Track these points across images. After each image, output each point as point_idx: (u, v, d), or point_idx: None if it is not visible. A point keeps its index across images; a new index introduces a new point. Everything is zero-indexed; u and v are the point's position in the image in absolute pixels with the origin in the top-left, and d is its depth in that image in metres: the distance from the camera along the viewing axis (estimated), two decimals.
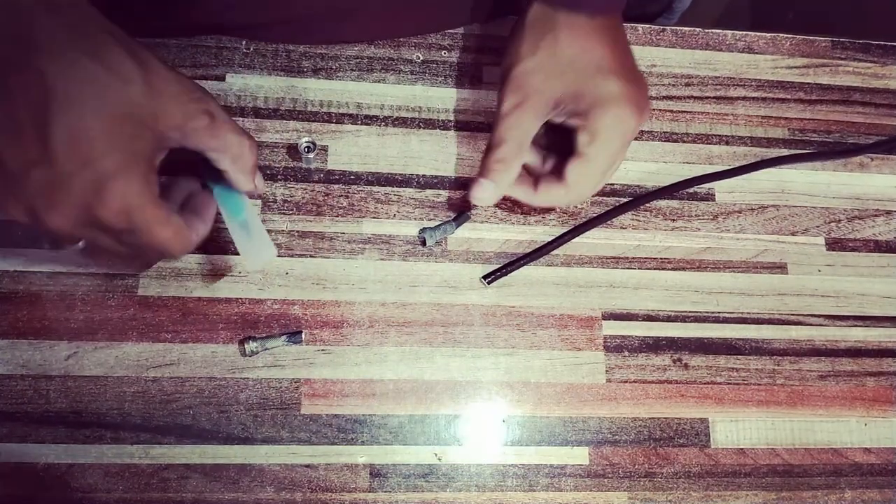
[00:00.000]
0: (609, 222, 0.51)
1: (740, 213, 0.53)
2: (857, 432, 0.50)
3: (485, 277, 0.48)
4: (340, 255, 0.48)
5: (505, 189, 0.44)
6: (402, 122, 0.51)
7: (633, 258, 0.51)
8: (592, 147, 0.43)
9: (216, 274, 0.46)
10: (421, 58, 0.53)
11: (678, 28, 0.57)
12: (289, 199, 0.48)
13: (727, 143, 0.54)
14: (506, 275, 0.48)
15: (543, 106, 0.43)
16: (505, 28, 0.54)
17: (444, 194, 0.50)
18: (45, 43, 0.29)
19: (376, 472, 0.45)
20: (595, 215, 0.51)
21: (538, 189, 0.45)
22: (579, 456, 0.47)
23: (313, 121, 0.50)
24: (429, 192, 0.50)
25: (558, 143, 0.45)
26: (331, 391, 0.45)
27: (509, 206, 0.50)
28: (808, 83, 0.57)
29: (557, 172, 0.44)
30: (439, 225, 0.49)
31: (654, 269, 0.51)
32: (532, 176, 0.46)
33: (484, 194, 0.44)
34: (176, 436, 0.44)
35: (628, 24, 0.54)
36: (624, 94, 0.42)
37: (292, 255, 0.47)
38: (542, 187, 0.45)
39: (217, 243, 0.47)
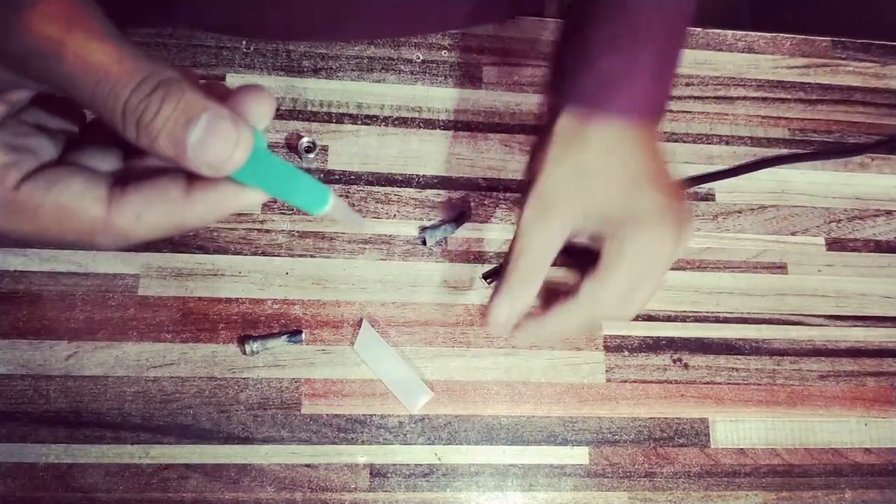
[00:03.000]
0: None
1: (740, 213, 0.53)
2: (858, 432, 0.50)
3: (485, 276, 0.48)
4: (341, 256, 0.48)
5: (524, 307, 0.39)
6: (402, 122, 0.51)
7: None
8: (614, 264, 0.37)
9: (217, 274, 0.46)
10: (421, 58, 0.53)
11: None
12: None
13: (727, 143, 0.54)
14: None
15: (568, 221, 0.38)
16: (505, 29, 0.54)
17: (444, 194, 0.50)
18: None
19: (376, 472, 0.45)
20: None
21: (550, 308, 0.39)
22: (579, 456, 0.47)
23: (313, 121, 0.50)
24: (429, 192, 0.50)
25: (580, 264, 0.41)
26: (331, 391, 0.45)
27: (509, 206, 0.50)
28: (809, 83, 0.57)
29: (575, 290, 0.38)
30: (439, 225, 0.49)
31: None
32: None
33: (500, 316, 0.38)
34: (176, 435, 0.44)
35: None
36: (661, 212, 0.37)
37: (293, 256, 0.47)
38: (555, 306, 0.39)
39: (217, 243, 0.47)
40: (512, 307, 0.38)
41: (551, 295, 0.39)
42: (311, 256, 0.48)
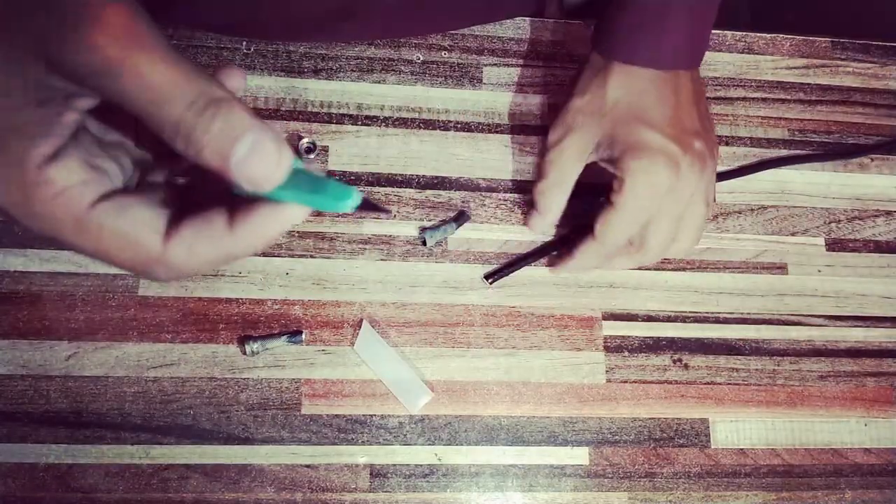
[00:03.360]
0: None
1: (740, 213, 0.53)
2: (858, 432, 0.50)
3: (487, 277, 0.48)
4: (341, 256, 0.48)
5: (553, 218, 0.47)
6: (402, 123, 0.51)
7: None
8: (618, 195, 0.42)
9: (216, 274, 0.46)
10: (421, 58, 0.53)
11: None
12: None
13: (727, 144, 0.54)
14: (507, 275, 0.48)
15: (584, 144, 0.44)
16: (505, 29, 0.54)
17: (444, 194, 0.50)
18: None
19: (377, 473, 0.45)
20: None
21: (574, 251, 0.46)
22: (579, 456, 0.47)
23: (313, 121, 0.50)
24: (429, 192, 0.50)
25: None
26: (331, 391, 0.46)
27: (509, 206, 0.50)
28: (808, 83, 0.57)
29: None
30: (439, 225, 0.49)
31: (655, 269, 0.51)
32: None
33: (534, 226, 0.48)
34: (176, 436, 0.44)
35: None
36: (658, 146, 0.41)
37: (293, 256, 0.47)
38: (579, 247, 0.45)
39: None
40: (542, 219, 0.46)
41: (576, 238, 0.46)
42: (311, 257, 0.48)
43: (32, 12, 0.22)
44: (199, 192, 0.28)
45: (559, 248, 0.49)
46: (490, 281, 0.48)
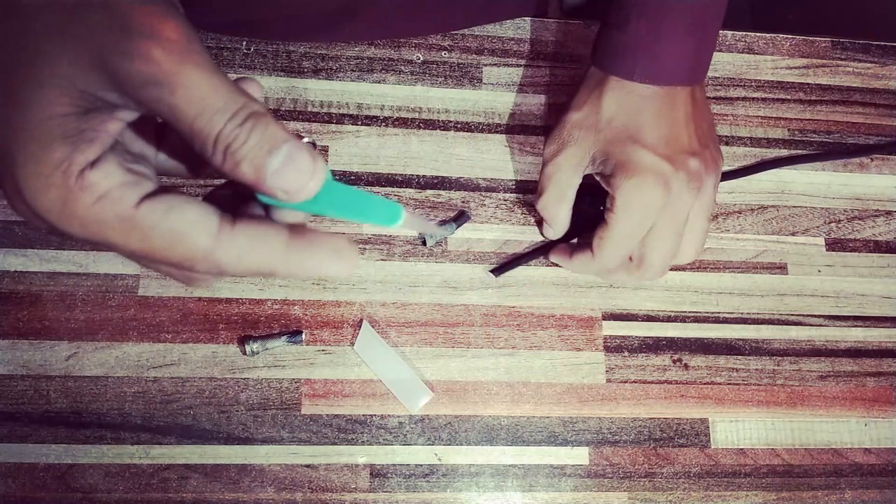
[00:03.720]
0: None
1: (740, 213, 0.53)
2: (857, 432, 0.50)
3: (493, 270, 0.48)
4: None
5: (562, 227, 0.47)
6: (402, 123, 0.51)
7: None
8: (610, 214, 0.42)
9: None
10: (421, 58, 0.53)
11: None
12: None
13: (727, 144, 0.54)
14: (513, 268, 0.49)
15: (579, 159, 0.44)
16: (505, 29, 0.54)
17: (444, 195, 0.50)
18: None
19: (377, 473, 0.45)
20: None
21: (573, 255, 0.46)
22: (579, 456, 0.47)
23: (313, 121, 0.50)
24: (429, 192, 0.50)
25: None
26: (331, 391, 0.46)
27: (509, 206, 0.50)
28: (808, 83, 0.57)
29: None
30: (439, 225, 0.49)
31: None
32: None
33: (547, 235, 0.48)
34: (176, 436, 0.44)
35: None
36: (649, 166, 0.41)
37: None
38: (577, 253, 0.46)
39: None
40: (553, 221, 0.46)
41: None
42: None
43: (94, 24, 0.23)
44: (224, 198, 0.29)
45: (564, 241, 0.49)
46: (496, 275, 0.48)
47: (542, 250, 0.49)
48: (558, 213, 0.45)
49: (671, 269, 0.51)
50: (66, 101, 0.23)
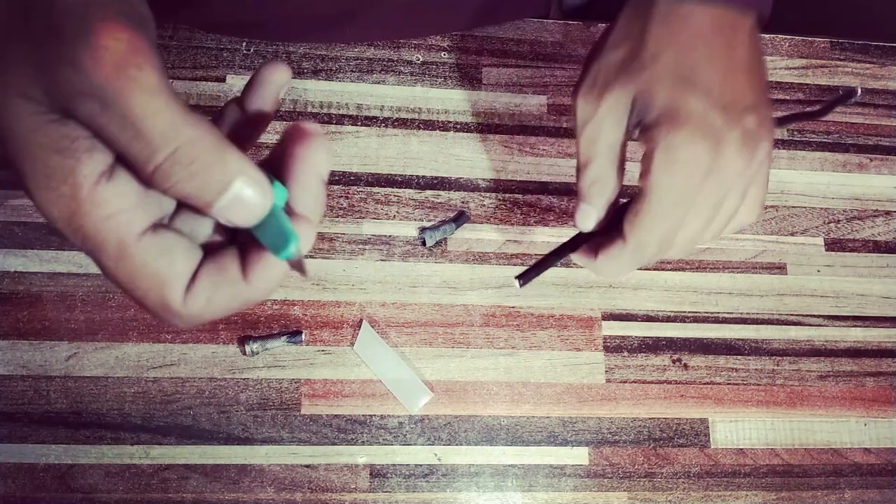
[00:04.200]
0: None
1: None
2: (857, 432, 0.50)
3: (518, 278, 0.39)
4: (340, 256, 0.48)
5: (604, 207, 0.36)
6: (401, 124, 0.51)
7: None
8: (649, 178, 0.33)
9: None
10: (420, 59, 0.53)
11: None
12: None
13: None
14: (540, 274, 0.39)
15: (623, 108, 0.34)
16: (504, 30, 0.54)
17: (443, 195, 0.50)
18: None
19: (376, 473, 0.45)
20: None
21: (600, 252, 0.36)
22: (579, 456, 0.47)
23: (313, 122, 0.50)
24: (429, 192, 0.50)
25: None
26: (331, 391, 0.46)
27: (509, 206, 0.50)
28: (807, 84, 0.57)
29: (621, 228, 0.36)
30: (439, 225, 0.49)
31: (654, 269, 0.51)
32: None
33: (586, 222, 0.37)
34: (176, 436, 0.44)
35: None
36: (700, 116, 0.32)
37: None
38: (604, 248, 0.36)
39: None
40: (596, 212, 0.36)
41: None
42: (311, 257, 0.48)
43: (35, 27, 0.22)
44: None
45: (586, 240, 0.39)
46: (521, 283, 0.39)
47: (567, 248, 0.39)
48: (608, 183, 0.35)
49: (670, 269, 0.51)
50: (34, 110, 0.22)
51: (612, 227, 0.37)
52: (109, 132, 0.21)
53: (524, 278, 0.39)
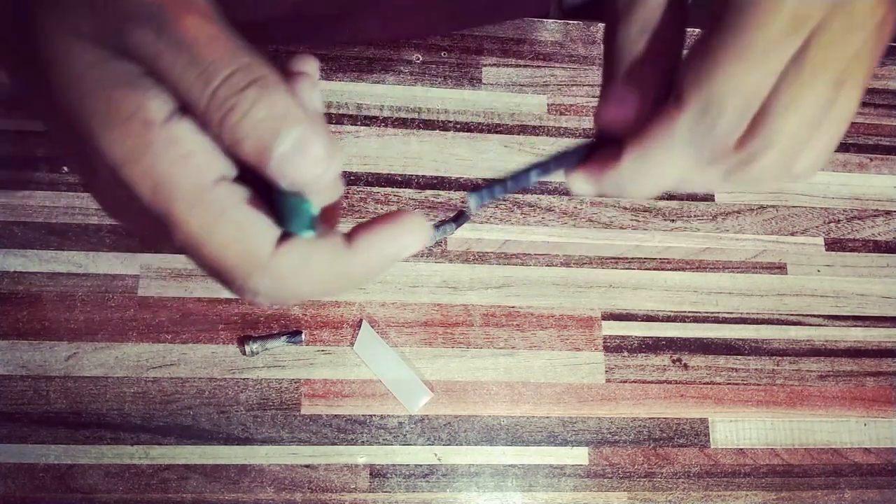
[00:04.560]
0: (609, 222, 0.51)
1: (740, 213, 0.53)
2: (857, 432, 0.50)
3: (472, 192, 0.29)
4: None
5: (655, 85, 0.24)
6: (401, 123, 0.51)
7: (633, 258, 0.51)
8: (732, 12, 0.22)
9: None
10: (420, 58, 0.53)
11: None
12: None
13: None
14: (500, 195, 0.29)
15: None
16: (504, 29, 0.54)
17: (443, 195, 0.50)
18: None
19: (376, 473, 0.45)
20: None
21: (622, 157, 0.24)
22: (579, 456, 0.47)
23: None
24: (428, 192, 0.50)
25: None
26: (331, 391, 0.46)
27: (509, 206, 0.50)
28: None
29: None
30: (439, 225, 0.49)
31: (654, 269, 0.51)
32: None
33: (620, 103, 0.24)
34: (176, 436, 0.44)
35: None
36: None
37: None
38: (648, 137, 0.24)
39: None
40: (644, 81, 0.25)
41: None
42: None
43: None
44: None
45: (587, 153, 0.27)
46: (475, 202, 0.29)
47: (556, 163, 0.27)
48: (669, 45, 0.24)
49: (670, 269, 0.51)
50: (89, 48, 0.20)
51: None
52: (164, 62, 0.19)
53: (480, 196, 0.29)
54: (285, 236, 0.21)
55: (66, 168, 0.46)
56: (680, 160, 0.23)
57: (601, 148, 0.26)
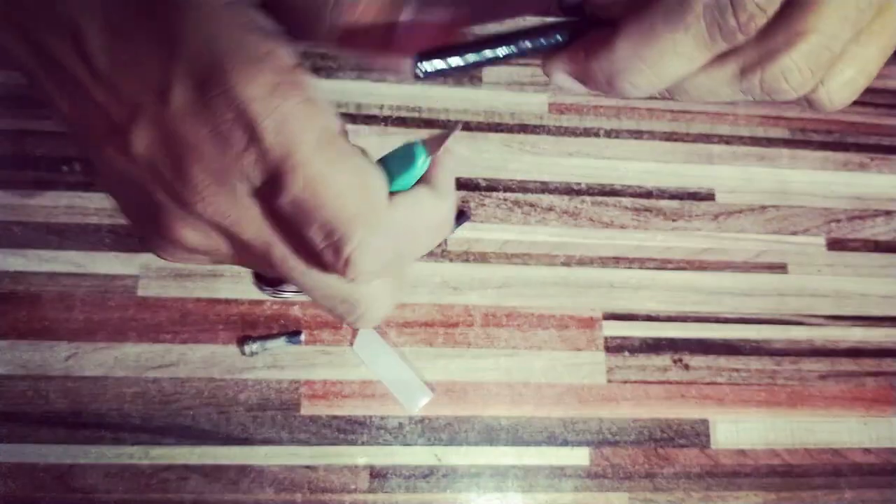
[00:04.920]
0: (609, 222, 0.51)
1: (740, 213, 0.53)
2: (857, 432, 0.50)
3: (421, 57, 0.23)
4: None
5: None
6: (401, 122, 0.51)
7: (634, 258, 0.51)
8: None
9: (216, 274, 0.46)
10: None
11: None
12: None
13: (727, 143, 0.54)
14: (455, 69, 0.24)
15: None
16: (504, 28, 0.54)
17: None
18: None
19: (376, 473, 0.45)
20: None
21: (612, 42, 0.22)
22: (579, 456, 0.47)
23: None
24: None
25: None
26: (330, 392, 0.45)
27: (509, 206, 0.50)
28: None
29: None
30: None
31: (655, 269, 0.51)
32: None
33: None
34: (176, 436, 0.44)
35: None
36: None
37: None
38: (624, 33, 0.21)
39: None
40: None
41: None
42: None
43: None
44: None
45: (571, 33, 0.25)
46: (422, 69, 0.23)
47: (523, 42, 0.25)
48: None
49: (671, 269, 0.51)
50: None
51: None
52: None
53: (430, 63, 0.23)
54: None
55: (66, 168, 0.46)
56: (689, 46, 0.19)
57: (589, 31, 0.22)
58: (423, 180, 0.22)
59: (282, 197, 0.19)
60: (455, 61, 0.23)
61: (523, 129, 0.52)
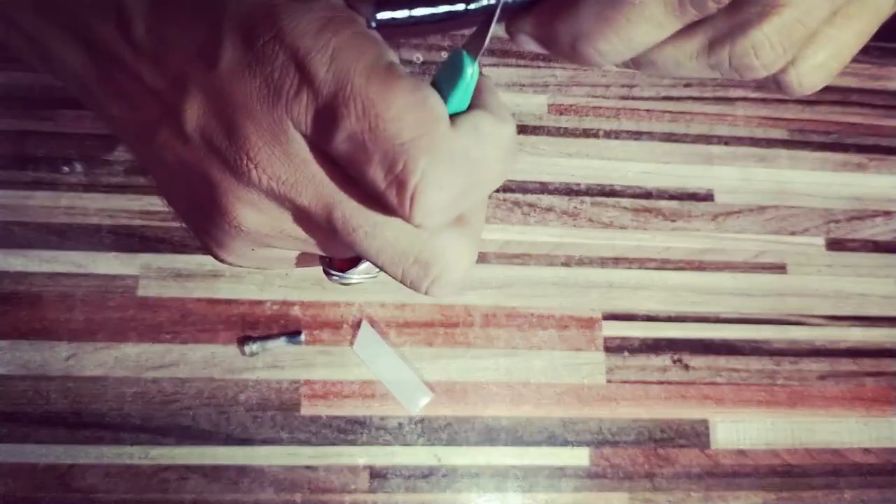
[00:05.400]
0: (609, 222, 0.51)
1: (740, 213, 0.53)
2: (857, 432, 0.50)
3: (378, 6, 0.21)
4: None
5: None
6: None
7: (634, 258, 0.51)
8: None
9: (216, 275, 0.46)
10: (421, 58, 0.53)
11: None
12: None
13: (727, 144, 0.54)
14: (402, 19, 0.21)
15: None
16: (504, 29, 0.54)
17: None
18: None
19: (376, 474, 0.45)
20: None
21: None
22: (579, 457, 0.47)
23: None
24: None
25: None
26: (330, 392, 0.45)
27: (509, 206, 0.50)
28: None
29: None
30: None
31: (655, 269, 0.51)
32: None
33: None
34: (176, 437, 0.44)
35: None
36: None
37: None
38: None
39: None
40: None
41: None
42: None
43: None
44: None
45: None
46: (380, 18, 0.20)
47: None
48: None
49: (671, 269, 0.51)
50: None
51: None
52: None
53: (385, 11, 0.21)
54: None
55: (66, 168, 0.46)
56: (657, 11, 0.19)
57: None
58: (475, 106, 0.20)
59: (337, 135, 0.18)
60: (417, 12, 0.21)
61: (523, 129, 0.52)
